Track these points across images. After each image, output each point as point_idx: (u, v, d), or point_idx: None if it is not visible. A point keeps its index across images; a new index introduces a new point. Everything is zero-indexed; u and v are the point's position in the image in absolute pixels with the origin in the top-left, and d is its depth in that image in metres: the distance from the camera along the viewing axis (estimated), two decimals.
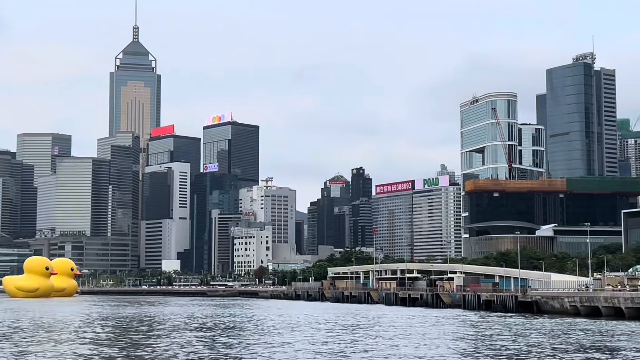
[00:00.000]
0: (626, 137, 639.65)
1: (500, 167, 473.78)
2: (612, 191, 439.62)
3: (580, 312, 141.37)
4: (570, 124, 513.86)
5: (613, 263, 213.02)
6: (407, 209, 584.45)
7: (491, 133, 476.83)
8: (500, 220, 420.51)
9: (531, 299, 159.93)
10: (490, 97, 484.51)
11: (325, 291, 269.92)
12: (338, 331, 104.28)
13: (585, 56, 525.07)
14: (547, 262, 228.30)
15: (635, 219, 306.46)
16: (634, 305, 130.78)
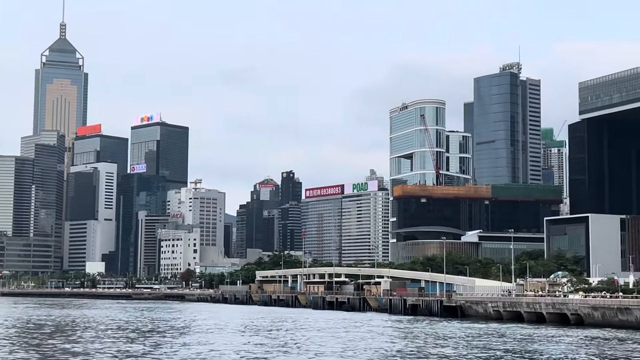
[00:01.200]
0: (550, 146, 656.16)
1: (428, 173, 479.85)
2: (536, 199, 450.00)
3: (503, 317, 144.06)
4: (496, 132, 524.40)
5: (535, 269, 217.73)
6: (336, 213, 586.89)
7: (420, 139, 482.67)
8: (427, 225, 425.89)
9: (456, 303, 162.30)
10: (419, 104, 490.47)
11: (253, 295, 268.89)
12: (254, 334, 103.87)
13: (511, 66, 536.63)
14: (472, 268, 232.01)
15: (557, 226, 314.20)
16: (555, 310, 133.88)
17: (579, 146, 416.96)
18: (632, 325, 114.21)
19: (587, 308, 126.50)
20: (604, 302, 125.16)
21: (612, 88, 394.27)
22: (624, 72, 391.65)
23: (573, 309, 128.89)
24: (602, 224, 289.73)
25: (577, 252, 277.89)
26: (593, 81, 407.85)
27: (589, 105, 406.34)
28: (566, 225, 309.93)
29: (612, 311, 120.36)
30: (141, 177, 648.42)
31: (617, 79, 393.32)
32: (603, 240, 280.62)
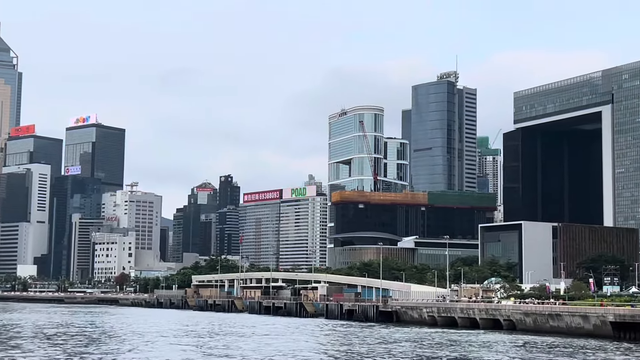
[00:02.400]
0: (485, 154, 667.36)
1: (366, 179, 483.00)
2: (471, 206, 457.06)
3: (438, 322, 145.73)
4: (433, 140, 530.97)
5: (469, 275, 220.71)
6: (274, 217, 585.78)
7: (358, 145, 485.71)
8: (365, 231, 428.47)
9: (391, 308, 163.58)
10: (358, 110, 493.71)
11: (188, 299, 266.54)
12: (182, 339, 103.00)
13: (449, 75, 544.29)
14: (407, 273, 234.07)
15: (491, 233, 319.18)
16: (488, 316, 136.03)
17: (513, 155, 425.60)
18: (563, 331, 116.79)
19: (519, 314, 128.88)
20: (535, 309, 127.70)
21: (546, 98, 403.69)
22: (558, 82, 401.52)
23: (505, 315, 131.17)
24: (534, 231, 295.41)
25: (510, 259, 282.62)
26: (528, 91, 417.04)
27: (523, 115, 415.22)
28: (500, 232, 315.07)
29: (544, 317, 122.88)
30: (76, 179, 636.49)
31: (551, 90, 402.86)
32: (535, 247, 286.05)
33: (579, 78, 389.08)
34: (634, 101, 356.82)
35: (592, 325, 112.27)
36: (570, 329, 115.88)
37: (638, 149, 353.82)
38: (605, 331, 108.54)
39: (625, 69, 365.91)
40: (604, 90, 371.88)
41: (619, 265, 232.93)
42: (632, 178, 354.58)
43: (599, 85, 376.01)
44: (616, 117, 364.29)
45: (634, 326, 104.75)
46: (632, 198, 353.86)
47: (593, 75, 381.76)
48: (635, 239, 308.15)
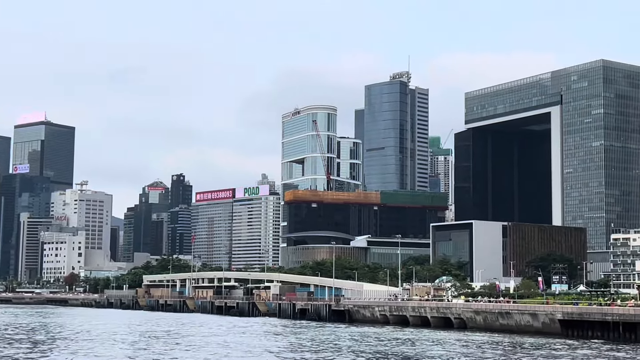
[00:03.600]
0: (437, 154, 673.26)
1: (319, 179, 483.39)
2: (422, 205, 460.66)
3: (390, 321, 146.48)
4: (386, 140, 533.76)
5: (421, 274, 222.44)
6: (227, 217, 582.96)
7: (311, 145, 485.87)
8: (318, 230, 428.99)
9: (344, 307, 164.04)
10: (311, 109, 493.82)
11: (139, 299, 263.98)
12: (126, 339, 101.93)
13: (401, 75, 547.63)
14: (360, 272, 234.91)
15: (443, 232, 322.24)
16: (439, 314, 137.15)
17: (464, 155, 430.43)
18: (512, 329, 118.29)
19: (469, 312, 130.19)
20: (485, 307, 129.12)
21: (497, 99, 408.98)
22: (508, 83, 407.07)
23: (456, 313, 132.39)
24: (485, 230, 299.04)
25: (461, 258, 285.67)
26: (479, 92, 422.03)
27: (474, 115, 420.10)
28: (451, 232, 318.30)
29: (494, 315, 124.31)
30: (24, 178, 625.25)
31: (502, 91, 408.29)
32: (486, 246, 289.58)
33: (528, 79, 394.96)
34: (582, 102, 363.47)
35: (540, 323, 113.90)
36: (519, 327, 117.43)
37: (586, 149, 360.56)
38: (553, 329, 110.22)
39: (573, 71, 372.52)
40: (553, 91, 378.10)
41: (567, 264, 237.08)
42: (580, 178, 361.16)
43: (548, 87, 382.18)
44: (565, 117, 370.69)
45: (581, 324, 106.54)
46: (580, 198, 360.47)
47: (542, 77, 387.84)
48: (583, 238, 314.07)
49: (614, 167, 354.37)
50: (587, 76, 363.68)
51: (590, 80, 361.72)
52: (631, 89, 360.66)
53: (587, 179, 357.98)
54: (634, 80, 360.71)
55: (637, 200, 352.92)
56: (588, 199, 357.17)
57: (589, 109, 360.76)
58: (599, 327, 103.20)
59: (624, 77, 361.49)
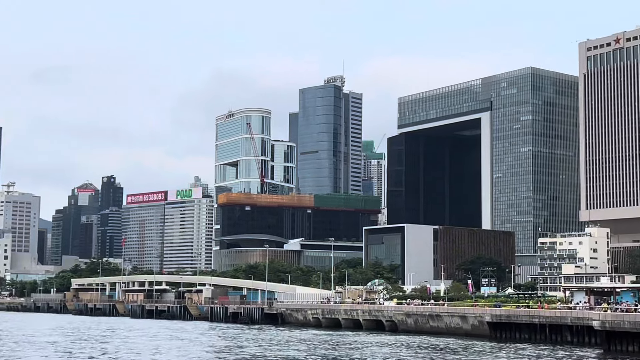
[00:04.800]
0: (370, 158, 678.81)
1: (252, 182, 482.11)
2: (356, 208, 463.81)
3: (322, 324, 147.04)
4: (320, 143, 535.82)
5: (354, 277, 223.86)
6: (159, 219, 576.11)
7: (245, 148, 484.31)
8: (251, 233, 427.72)
9: (277, 311, 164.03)
10: (245, 112, 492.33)
11: (67, 303, 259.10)
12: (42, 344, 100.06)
13: (335, 79, 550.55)
14: (293, 275, 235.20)
15: (375, 235, 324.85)
16: (371, 317, 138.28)
17: (396, 159, 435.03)
18: (442, 331, 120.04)
19: (401, 315, 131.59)
20: (416, 309, 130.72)
21: (429, 104, 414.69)
22: (440, 89, 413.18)
23: (388, 316, 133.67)
24: (416, 233, 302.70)
25: (393, 261, 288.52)
26: (411, 97, 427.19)
27: (407, 120, 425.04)
28: (383, 235, 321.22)
29: (424, 318, 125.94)
30: None
31: (434, 96, 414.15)
32: (417, 249, 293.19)
33: (460, 85, 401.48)
34: (512, 109, 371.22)
35: (470, 325, 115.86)
36: (449, 329, 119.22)
37: (515, 154, 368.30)
38: (482, 331, 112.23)
39: (503, 78, 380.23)
40: (484, 97, 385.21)
41: (496, 267, 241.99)
42: (509, 183, 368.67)
43: (479, 93, 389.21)
44: (495, 123, 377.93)
45: (509, 326, 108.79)
46: (508, 202, 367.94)
47: (473, 83, 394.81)
48: (512, 242, 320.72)
49: (542, 173, 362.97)
50: (517, 83, 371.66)
51: (519, 88, 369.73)
52: (558, 96, 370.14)
53: (516, 183, 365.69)
54: (560, 88, 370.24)
55: (563, 204, 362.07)
56: (516, 204, 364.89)
57: (517, 116, 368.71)
58: (526, 329, 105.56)
59: (551, 84, 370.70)
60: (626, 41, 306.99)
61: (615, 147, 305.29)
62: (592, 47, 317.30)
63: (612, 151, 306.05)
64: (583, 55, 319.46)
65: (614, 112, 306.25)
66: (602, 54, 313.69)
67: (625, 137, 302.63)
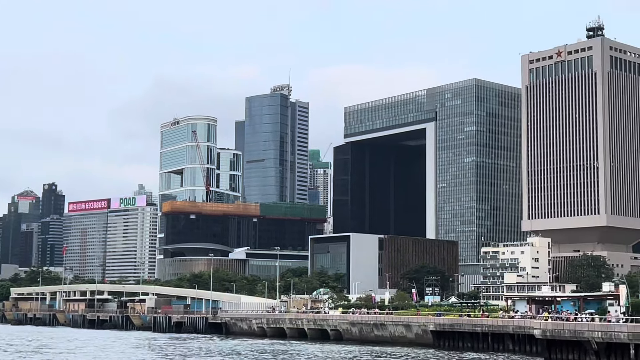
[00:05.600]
0: (316, 167, 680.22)
1: (198, 190, 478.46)
2: (302, 217, 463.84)
3: (267, 333, 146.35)
4: (266, 152, 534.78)
5: (299, 286, 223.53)
6: (102, 228, 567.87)
7: (190, 155, 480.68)
8: (196, 242, 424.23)
9: (221, 320, 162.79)
10: (191, 120, 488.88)
11: (6, 313, 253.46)
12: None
13: (282, 87, 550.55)
14: (238, 285, 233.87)
15: (321, 244, 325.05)
16: (316, 326, 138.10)
17: (343, 168, 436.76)
18: (387, 340, 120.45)
19: (345, 324, 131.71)
20: (361, 318, 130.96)
21: (375, 114, 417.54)
22: (386, 99, 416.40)
23: (333, 325, 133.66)
24: (362, 242, 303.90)
25: (338, 270, 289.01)
26: (357, 106, 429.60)
27: (353, 130, 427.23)
28: (329, 244, 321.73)
29: (369, 327, 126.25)
30: None
31: (380, 106, 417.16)
32: (363, 258, 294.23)
33: (405, 96, 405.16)
34: (456, 119, 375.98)
35: (414, 334, 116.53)
36: (394, 338, 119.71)
37: (459, 165, 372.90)
38: (426, 339, 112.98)
39: (448, 89, 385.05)
40: (429, 108, 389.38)
41: (440, 276, 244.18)
42: (453, 193, 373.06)
43: (424, 103, 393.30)
44: (439, 134, 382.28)
45: (452, 334, 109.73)
46: (452, 212, 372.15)
47: (418, 94, 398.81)
48: (455, 251, 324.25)
49: (485, 183, 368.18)
50: (461, 94, 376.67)
51: (463, 99, 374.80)
52: (501, 107, 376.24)
53: (460, 193, 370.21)
54: (504, 100, 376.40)
55: (505, 214, 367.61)
56: (460, 213, 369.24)
57: (462, 126, 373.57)
58: (469, 337, 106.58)
59: (495, 96, 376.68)
60: (567, 54, 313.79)
61: (556, 158, 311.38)
62: (534, 60, 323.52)
63: (553, 162, 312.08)
64: (525, 68, 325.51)
65: (555, 124, 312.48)
66: (544, 67, 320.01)
67: (566, 148, 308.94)
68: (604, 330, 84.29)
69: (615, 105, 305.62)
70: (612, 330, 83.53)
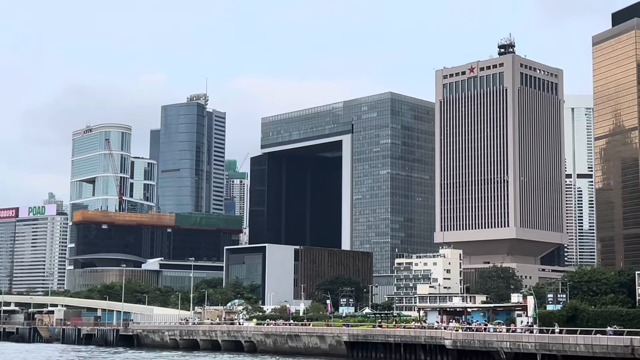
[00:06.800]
0: (233, 177, 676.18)
1: (110, 199, 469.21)
2: (217, 228, 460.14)
3: (180, 345, 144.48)
4: (182, 161, 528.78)
5: (214, 297, 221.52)
6: (9, 237, 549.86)
7: (103, 164, 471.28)
8: (108, 252, 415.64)
9: (132, 332, 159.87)
10: (104, 128, 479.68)
11: None
12: None
13: (199, 97, 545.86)
14: (151, 296, 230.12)
15: (236, 255, 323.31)
16: (230, 338, 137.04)
17: (259, 178, 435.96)
18: (301, 351, 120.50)
19: (260, 335, 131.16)
20: (275, 330, 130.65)
21: (292, 125, 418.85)
22: (303, 110, 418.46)
23: (247, 337, 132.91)
24: (277, 253, 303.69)
25: (253, 281, 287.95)
26: (275, 117, 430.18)
27: (270, 140, 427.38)
28: (244, 255, 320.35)
29: (283, 338, 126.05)
30: None
31: (297, 117, 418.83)
32: (278, 269, 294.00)
33: (322, 107, 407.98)
34: (372, 132, 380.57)
35: (328, 345, 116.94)
36: (308, 349, 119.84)
37: (374, 177, 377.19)
38: (340, 350, 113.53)
39: (364, 101, 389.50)
40: (345, 120, 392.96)
41: (355, 287, 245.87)
42: (368, 204, 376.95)
43: (341, 116, 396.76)
44: (355, 146, 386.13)
45: (366, 345, 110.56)
46: (367, 223, 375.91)
47: (335, 106, 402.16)
48: (370, 262, 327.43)
49: (399, 195, 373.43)
50: (377, 107, 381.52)
51: (379, 112, 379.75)
52: (415, 121, 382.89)
53: (375, 205, 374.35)
54: (417, 113, 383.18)
55: (419, 226, 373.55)
56: (375, 225, 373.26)
57: (377, 139, 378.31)
58: (382, 348, 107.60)
59: (409, 109, 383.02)
60: (480, 70, 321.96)
61: (468, 171, 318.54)
62: (448, 75, 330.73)
63: (466, 175, 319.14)
64: (439, 83, 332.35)
65: (468, 138, 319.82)
66: (457, 82, 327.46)
67: (478, 162, 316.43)
68: (512, 340, 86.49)
69: (525, 120, 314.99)
70: (520, 341, 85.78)
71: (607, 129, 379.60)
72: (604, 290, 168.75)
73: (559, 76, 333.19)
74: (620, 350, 76.34)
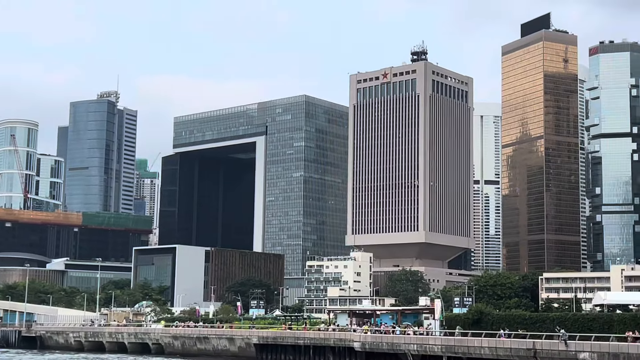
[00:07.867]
0: (143, 177, 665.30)
1: (15, 197, 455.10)
2: (126, 228, 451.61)
3: (85, 347, 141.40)
4: (91, 159, 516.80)
5: (121, 299, 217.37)
6: None
7: (8, 160, 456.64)
8: (11, 251, 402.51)
9: (36, 334, 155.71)
10: (9, 123, 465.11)
11: None
12: None
13: (109, 94, 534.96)
14: (55, 297, 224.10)
15: (145, 256, 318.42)
16: (137, 340, 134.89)
17: (171, 179, 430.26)
18: (210, 353, 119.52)
19: (168, 337, 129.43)
20: (184, 332, 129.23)
21: (205, 125, 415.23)
22: (217, 111, 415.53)
23: (154, 339, 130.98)
24: (188, 255, 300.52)
25: (162, 283, 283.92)
26: (188, 117, 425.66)
27: (182, 140, 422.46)
28: (154, 256, 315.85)
29: (192, 340, 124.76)
30: None
31: (210, 118, 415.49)
32: (188, 271, 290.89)
33: (236, 108, 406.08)
34: (286, 134, 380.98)
35: (237, 347, 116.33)
36: (216, 351, 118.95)
37: (287, 179, 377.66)
38: (249, 352, 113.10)
39: (278, 103, 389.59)
40: (259, 122, 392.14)
41: (265, 289, 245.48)
42: (281, 207, 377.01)
43: (255, 117, 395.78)
44: (269, 148, 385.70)
45: (275, 347, 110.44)
46: (279, 225, 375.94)
47: (249, 107, 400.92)
48: (281, 265, 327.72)
49: (312, 198, 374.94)
50: (291, 110, 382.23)
51: (293, 114, 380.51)
52: (328, 124, 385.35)
53: (288, 207, 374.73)
54: (331, 117, 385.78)
55: (331, 229, 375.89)
56: (287, 227, 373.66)
57: (291, 141, 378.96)
58: (291, 350, 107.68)
59: (324, 113, 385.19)
60: (393, 76, 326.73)
61: (379, 176, 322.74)
62: (362, 80, 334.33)
63: (377, 180, 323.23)
64: (354, 87, 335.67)
65: (380, 143, 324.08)
66: (371, 87, 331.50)
67: (389, 166, 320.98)
68: (420, 342, 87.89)
69: (436, 127, 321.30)
70: (427, 343, 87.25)
71: (514, 137, 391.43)
72: (509, 294, 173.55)
73: (469, 84, 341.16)
74: (523, 353, 78.50)
